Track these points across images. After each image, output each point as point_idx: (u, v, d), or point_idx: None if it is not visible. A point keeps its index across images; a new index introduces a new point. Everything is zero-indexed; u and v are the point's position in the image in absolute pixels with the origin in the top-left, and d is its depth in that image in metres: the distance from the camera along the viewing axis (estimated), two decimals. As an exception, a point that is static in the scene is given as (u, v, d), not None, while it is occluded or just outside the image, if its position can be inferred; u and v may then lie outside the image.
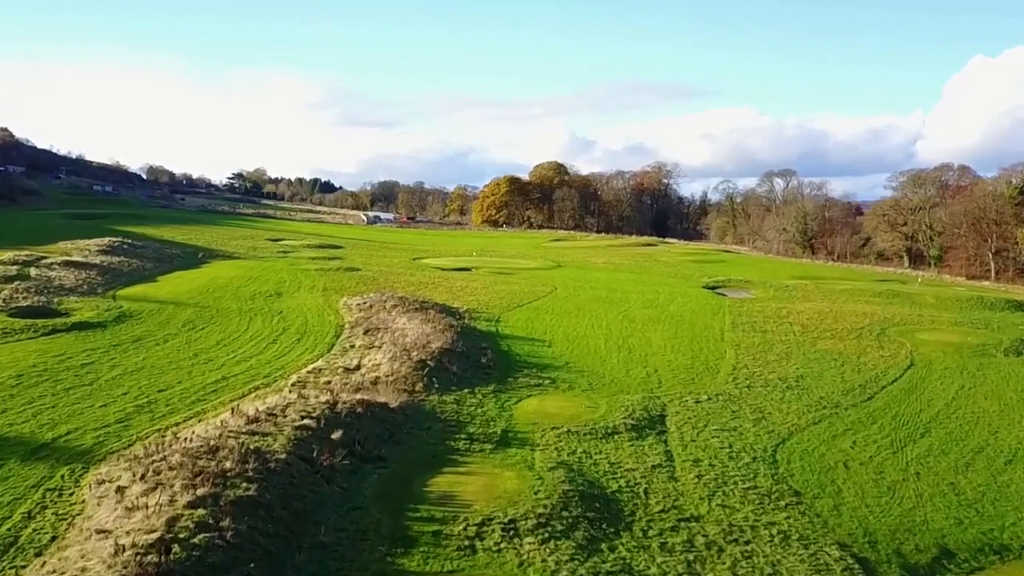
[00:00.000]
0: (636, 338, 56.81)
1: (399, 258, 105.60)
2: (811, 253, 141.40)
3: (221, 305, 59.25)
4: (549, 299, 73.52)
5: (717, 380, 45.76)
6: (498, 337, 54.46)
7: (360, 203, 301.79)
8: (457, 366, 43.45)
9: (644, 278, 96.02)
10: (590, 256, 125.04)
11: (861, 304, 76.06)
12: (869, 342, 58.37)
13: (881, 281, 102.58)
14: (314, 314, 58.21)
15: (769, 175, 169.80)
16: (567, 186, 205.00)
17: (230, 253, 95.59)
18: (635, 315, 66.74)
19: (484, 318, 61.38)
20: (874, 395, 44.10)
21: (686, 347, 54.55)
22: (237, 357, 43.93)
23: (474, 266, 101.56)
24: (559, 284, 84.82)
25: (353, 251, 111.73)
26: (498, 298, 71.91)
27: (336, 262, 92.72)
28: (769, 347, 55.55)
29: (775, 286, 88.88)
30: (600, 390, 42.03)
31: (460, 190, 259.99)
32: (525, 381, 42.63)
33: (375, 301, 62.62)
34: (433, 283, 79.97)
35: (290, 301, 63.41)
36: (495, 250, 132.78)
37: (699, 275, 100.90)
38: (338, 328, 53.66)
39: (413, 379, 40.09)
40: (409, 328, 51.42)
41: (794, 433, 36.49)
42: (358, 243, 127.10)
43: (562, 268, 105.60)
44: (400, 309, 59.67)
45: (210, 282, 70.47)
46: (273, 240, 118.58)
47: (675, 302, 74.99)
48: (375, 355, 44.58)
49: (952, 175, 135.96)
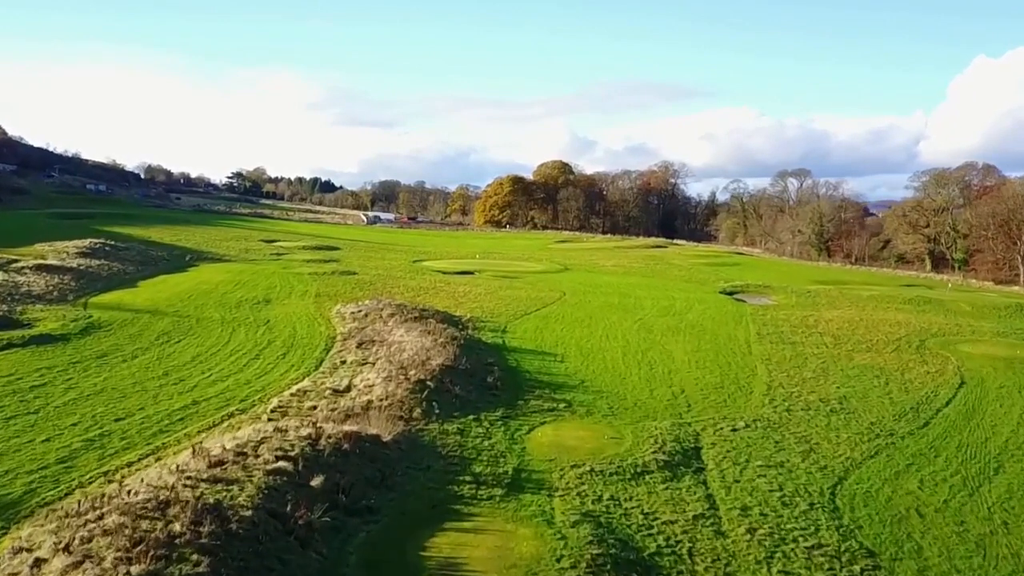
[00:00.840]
0: (656, 351, 51.86)
1: (398, 261, 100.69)
2: (827, 256, 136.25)
3: (203, 314, 54.34)
4: (558, 306, 68.60)
5: (752, 402, 40.81)
6: (505, 350, 49.54)
7: (360, 203, 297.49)
8: (460, 387, 38.51)
9: (657, 282, 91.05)
10: (598, 258, 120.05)
11: (892, 312, 71.06)
12: (910, 356, 53.42)
13: (907, 286, 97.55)
14: (304, 324, 53.31)
15: (782, 175, 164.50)
16: (572, 186, 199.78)
17: (220, 255, 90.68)
18: (652, 324, 61.80)
19: (489, 328, 56.47)
20: (929, 420, 39.15)
21: (712, 362, 49.61)
22: (213, 376, 39.01)
23: (477, 269, 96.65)
24: (568, 289, 79.90)
25: (350, 253, 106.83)
26: (504, 305, 67.01)
27: (332, 265, 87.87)
28: (802, 362, 50.60)
29: (797, 292, 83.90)
30: (623, 415, 37.09)
31: (462, 190, 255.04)
32: (537, 404, 37.69)
33: (371, 309, 57.73)
34: (434, 288, 75.07)
35: (279, 309, 58.51)
36: (499, 252, 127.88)
37: (714, 279, 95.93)
38: (329, 340, 48.77)
39: (410, 403, 35.17)
40: (407, 341, 46.51)
41: (850, 470, 31.54)
42: (356, 244, 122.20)
43: (570, 271, 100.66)
44: (398, 318, 54.78)
45: (194, 287, 65.57)
46: (267, 241, 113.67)
47: (693, 309, 70.04)
48: (368, 374, 39.66)
49: (976, 174, 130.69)
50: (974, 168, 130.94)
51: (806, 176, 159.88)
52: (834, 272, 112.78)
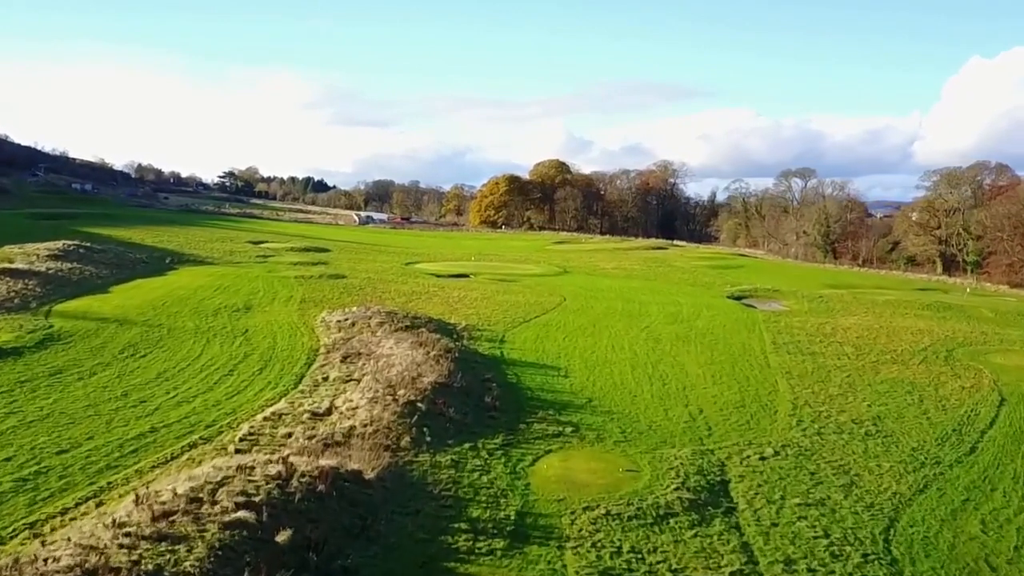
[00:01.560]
0: (667, 364, 47.90)
1: (390, 263, 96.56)
2: (833, 258, 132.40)
3: (175, 323, 50.18)
4: (559, 312, 64.59)
5: (778, 424, 36.86)
6: (504, 364, 45.52)
7: (354, 203, 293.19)
8: (455, 408, 34.49)
9: (661, 286, 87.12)
10: (598, 260, 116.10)
11: (912, 319, 67.26)
12: (939, 368, 49.59)
13: (922, 291, 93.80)
14: (285, 334, 49.20)
15: (786, 174, 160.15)
16: (569, 185, 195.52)
17: (202, 258, 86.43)
18: (660, 333, 57.85)
19: (486, 338, 52.45)
20: (976, 445, 35.28)
21: (728, 376, 45.66)
22: (178, 396, 34.90)
23: (472, 272, 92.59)
24: (568, 294, 75.90)
25: (340, 255, 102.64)
26: (501, 311, 63.00)
27: (320, 268, 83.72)
28: (826, 375, 46.69)
29: (808, 296, 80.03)
30: (637, 441, 33.10)
31: (457, 189, 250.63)
32: (541, 429, 33.67)
33: (359, 317, 53.66)
34: (427, 293, 71.00)
35: (259, 317, 54.39)
36: (495, 253, 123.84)
37: (720, 283, 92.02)
38: (311, 353, 44.68)
39: (398, 430, 31.12)
40: (396, 354, 42.46)
41: (900, 508, 27.61)
42: (347, 246, 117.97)
43: (569, 274, 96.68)
44: (387, 327, 50.74)
45: (170, 293, 61.37)
46: (254, 243, 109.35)
47: (702, 316, 66.11)
48: (352, 394, 35.59)
49: (988, 174, 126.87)
50: (986, 167, 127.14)
51: (810, 176, 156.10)
52: (843, 275, 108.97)
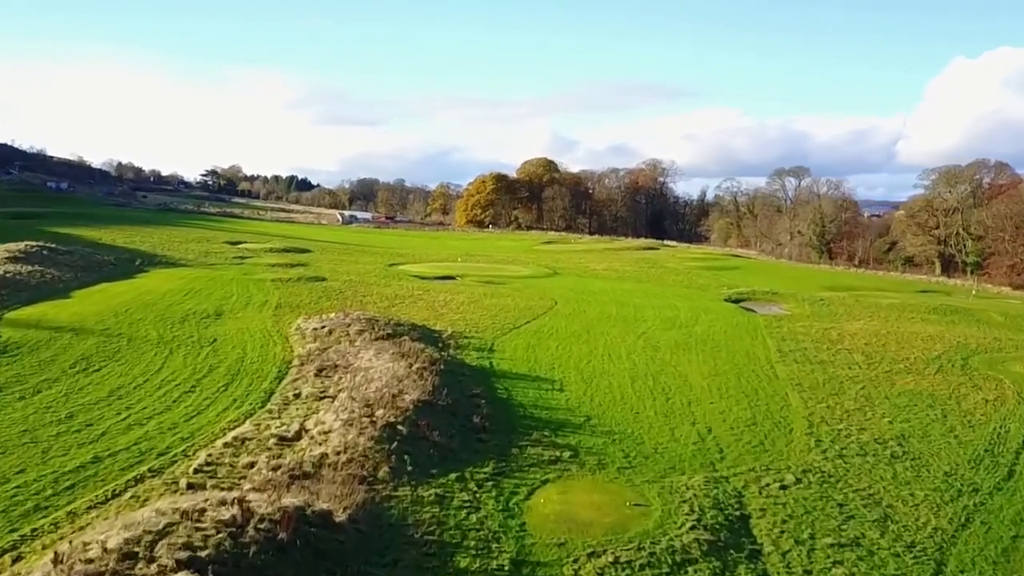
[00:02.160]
0: (669, 375, 44.57)
1: (373, 264, 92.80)
2: (828, 258, 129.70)
3: (137, 332, 46.37)
4: (550, 317, 61.18)
5: (795, 445, 33.59)
6: (493, 376, 42.04)
7: (338, 202, 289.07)
8: (440, 430, 30.98)
9: (654, 289, 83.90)
10: (588, 261, 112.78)
11: (919, 324, 64.32)
12: (957, 378, 46.57)
13: (924, 292, 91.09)
14: (256, 344, 45.51)
15: (780, 172, 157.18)
16: (558, 184, 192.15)
17: (175, 259, 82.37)
18: (658, 340, 54.55)
19: (473, 346, 48.98)
20: (1012, 467, 32.18)
21: (735, 388, 42.39)
22: (130, 418, 31.21)
23: (459, 274, 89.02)
24: (559, 297, 72.52)
25: (321, 256, 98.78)
26: (489, 316, 59.52)
27: (299, 270, 79.90)
28: (839, 387, 43.52)
29: (808, 299, 77.02)
30: (643, 467, 29.73)
31: (443, 188, 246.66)
32: (536, 453, 30.23)
33: (337, 324, 50.07)
34: (411, 296, 67.41)
35: (230, 324, 50.65)
36: (482, 254, 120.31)
37: (715, 285, 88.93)
38: (284, 365, 41.05)
39: (376, 458, 27.60)
40: (376, 367, 38.93)
41: (945, 548, 24.41)
42: (329, 246, 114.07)
43: (559, 276, 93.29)
44: (367, 336, 47.22)
45: (136, 298, 57.46)
46: (232, 243, 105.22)
47: (700, 321, 62.88)
48: (325, 414, 32.02)
49: (987, 172, 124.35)
50: (985, 165, 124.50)
51: (804, 174, 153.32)
52: (842, 277, 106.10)
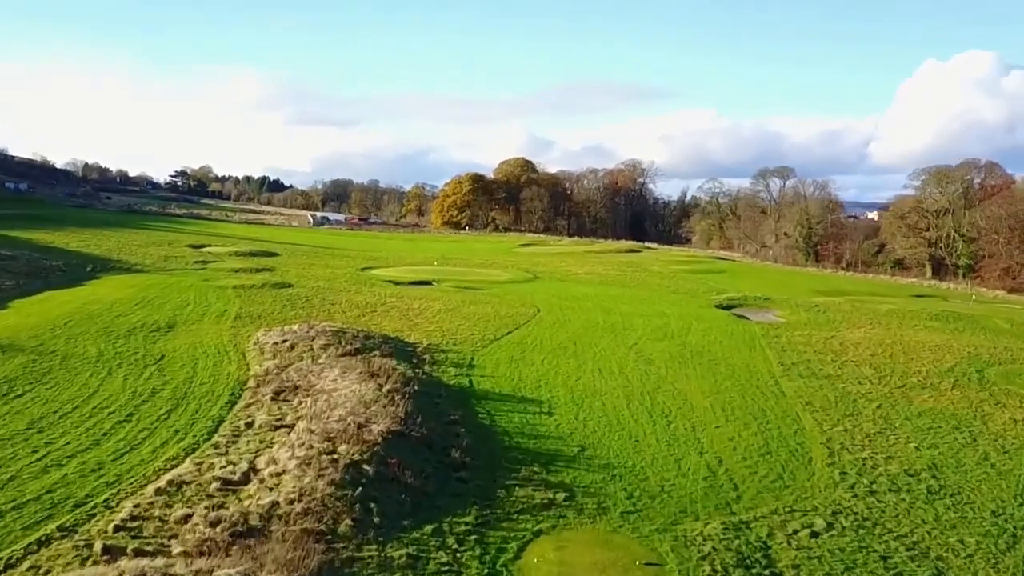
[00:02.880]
0: (667, 393, 40.51)
1: (344, 269, 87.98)
2: (815, 260, 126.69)
3: (75, 348, 41.46)
4: (534, 327, 56.97)
5: (818, 479, 29.61)
6: (474, 397, 37.73)
7: (311, 203, 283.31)
8: (413, 469, 26.63)
9: (640, 294, 79.94)
10: (569, 265, 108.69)
11: (923, 332, 60.91)
12: (976, 394, 43.04)
13: (919, 297, 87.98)
14: (209, 361, 40.80)
15: (764, 173, 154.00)
16: (536, 185, 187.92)
17: (131, 264, 77.04)
18: (650, 352, 50.53)
19: (451, 361, 44.64)
20: (1063, 503, 28.42)
21: (740, 409, 38.43)
22: (48, 457, 26.50)
23: (435, 279, 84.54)
24: (542, 303, 68.32)
25: (290, 260, 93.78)
26: (468, 326, 55.21)
27: (263, 276, 74.97)
28: (853, 406, 39.71)
29: (802, 305, 73.46)
30: (650, 511, 25.57)
31: (418, 189, 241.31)
32: (525, 496, 25.96)
33: (300, 338, 45.48)
34: (383, 305, 62.86)
35: (183, 338, 45.85)
36: (459, 257, 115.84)
37: (703, 290, 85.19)
38: (237, 387, 36.42)
39: (337, 508, 23.17)
40: (341, 389, 34.52)
41: (1016, 615, 20.49)
42: (298, 249, 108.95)
43: (540, 280, 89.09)
44: (333, 351, 42.75)
45: (80, 308, 52.41)
46: (195, 247, 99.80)
47: (692, 330, 58.98)
48: (280, 450, 27.50)
49: (978, 172, 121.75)
50: (975, 165, 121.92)
51: (789, 175, 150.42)
52: (832, 280, 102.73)
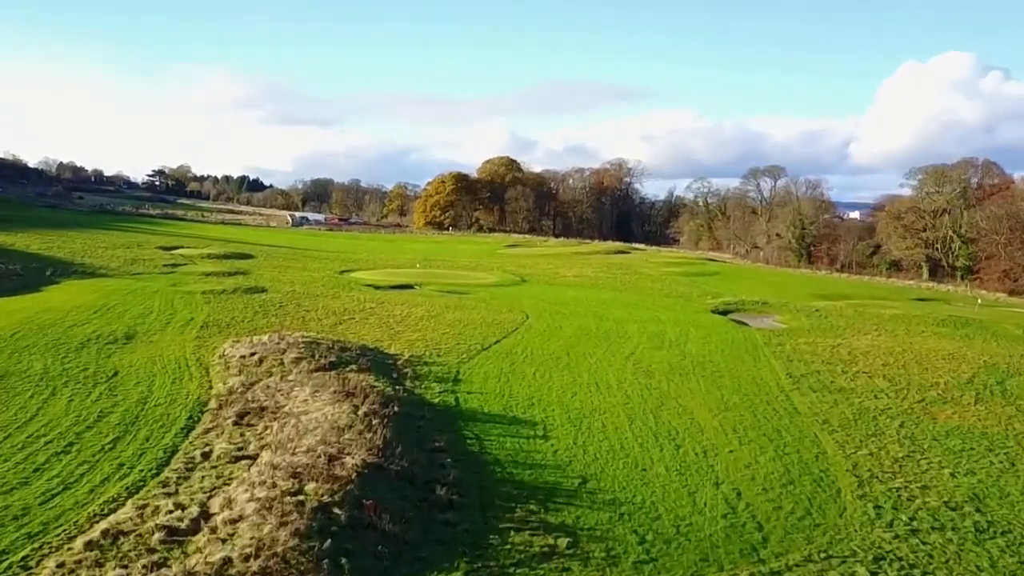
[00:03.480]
0: (671, 411, 37.09)
1: (321, 272, 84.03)
2: (808, 262, 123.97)
3: (18, 364, 37.45)
4: (523, 335, 53.45)
5: (851, 515, 26.23)
6: (460, 419, 34.13)
7: (291, 202, 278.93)
8: (392, 511, 22.99)
9: (633, 298, 76.57)
10: (557, 267, 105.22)
11: (933, 339, 57.93)
12: (1002, 409, 39.97)
13: (921, 300, 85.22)
14: (167, 378, 36.94)
15: (754, 172, 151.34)
16: (520, 184, 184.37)
17: (95, 268, 72.76)
18: (650, 363, 47.13)
19: (435, 375, 41.04)
20: (1125, 541, 25.22)
21: (753, 429, 35.07)
22: (-37, 501, 22.63)
23: (417, 282, 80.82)
24: (530, 309, 64.82)
25: (265, 262, 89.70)
26: (453, 335, 51.65)
27: (236, 280, 71.00)
28: (873, 424, 36.47)
29: (802, 310, 70.37)
30: (666, 560, 22.09)
31: (400, 188, 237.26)
32: (522, 543, 22.42)
33: (270, 350, 41.71)
34: (362, 311, 59.14)
35: (141, 351, 41.92)
36: (442, 259, 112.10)
37: (697, 293, 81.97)
38: (197, 409, 32.62)
39: (301, 565, 19.51)
40: (312, 412, 30.85)
41: None
42: (275, 251, 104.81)
43: (528, 283, 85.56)
44: (306, 365, 39.05)
45: (31, 318, 48.29)
46: (166, 248, 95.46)
47: (691, 337, 55.68)
48: (238, 489, 23.77)
49: (975, 172, 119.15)
50: (973, 164, 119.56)
51: (780, 174, 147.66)
52: (829, 283, 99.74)
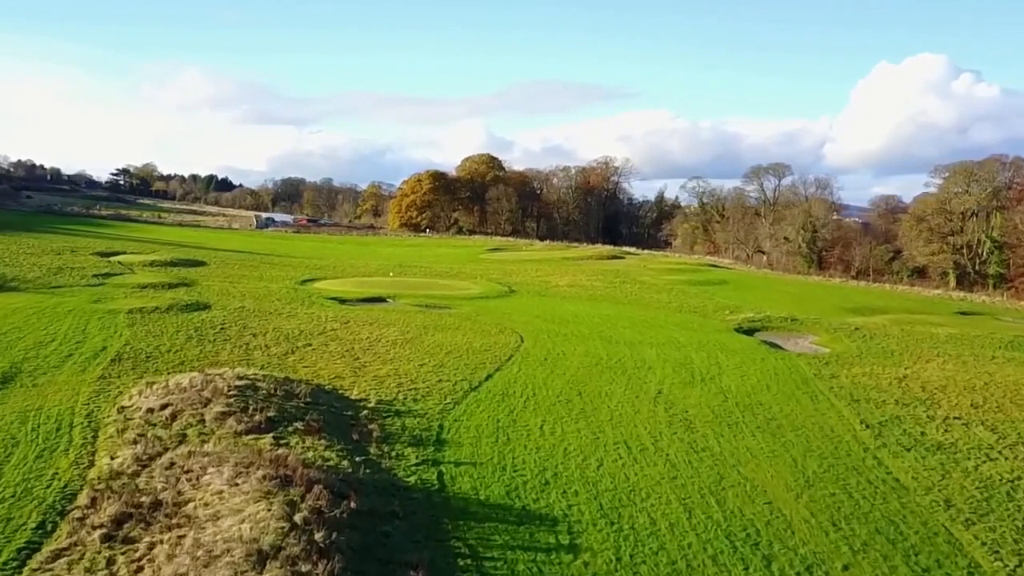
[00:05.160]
0: (737, 489, 26.92)
1: (281, 282, 73.04)
2: (819, 268, 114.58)
3: None
4: (520, 365, 43.12)
5: None
6: (447, 516, 23.70)
7: (261, 203, 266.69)
8: None
9: (641, 313, 66.36)
10: (546, 274, 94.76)
11: (1009, 366, 48.21)
12: None
13: (964, 315, 75.77)
14: (32, 448, 26.17)
15: (757, 171, 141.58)
16: (502, 183, 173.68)
17: (6, 280, 61.13)
18: (683, 405, 36.94)
19: (410, 433, 30.67)
20: None
21: (856, 518, 25.03)
22: None
23: (390, 294, 70.06)
24: (524, 328, 54.51)
25: (217, 271, 78.54)
26: (433, 366, 41.29)
27: (177, 293, 60.00)
28: (1015, 509, 26.56)
29: (839, 328, 60.50)
30: None
31: (374, 188, 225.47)
32: None
33: (189, 399, 31.03)
34: (322, 333, 48.53)
35: (15, 400, 31.14)
36: (419, 264, 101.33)
37: (712, 307, 71.90)
38: (58, 507, 21.98)
39: None
40: (225, 518, 20.58)
41: None
42: (231, 257, 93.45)
43: (517, 295, 75.11)
44: (234, 425, 28.56)
45: None
46: (104, 255, 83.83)
47: (724, 368, 45.59)
48: None
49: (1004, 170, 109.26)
50: (1002, 162, 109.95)
51: (785, 172, 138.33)
52: (854, 294, 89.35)
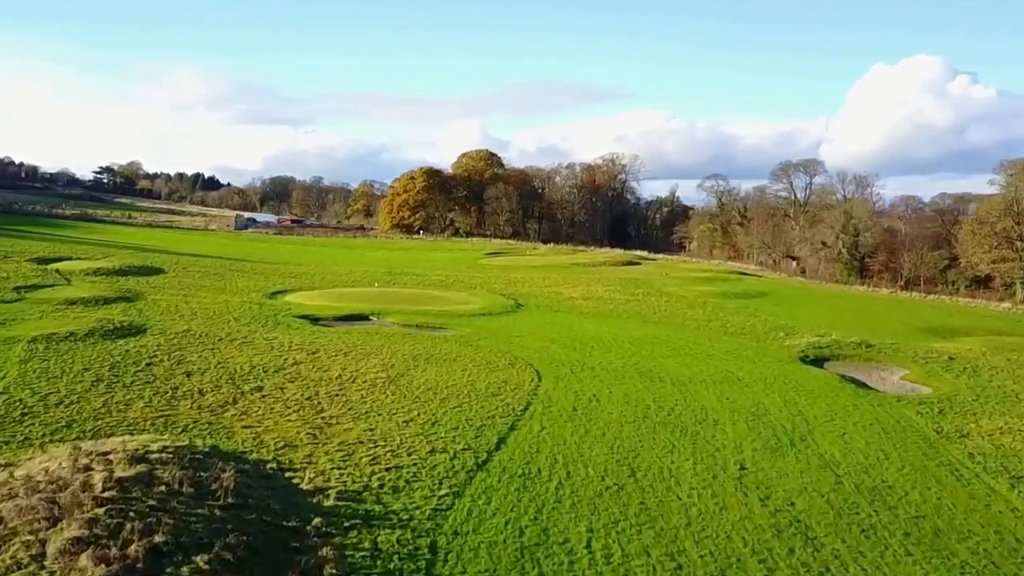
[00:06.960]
0: None
1: (246, 295, 61.41)
2: (860, 276, 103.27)
3: None
4: (541, 421, 31.64)
5: None
6: None
7: (248, 202, 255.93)
8: None
9: (679, 336, 54.82)
10: (557, 283, 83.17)
11: None
12: None
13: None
14: None
15: (786, 168, 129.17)
16: (502, 182, 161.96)
17: None
18: (785, 495, 25.54)
19: (385, 562, 19.05)
20: None
21: None
22: None
23: (375, 311, 58.50)
24: (540, 358, 43.08)
25: (173, 280, 66.92)
26: (423, 423, 29.89)
27: (110, 311, 48.46)
28: None
29: (929, 358, 49.07)
30: None
31: (366, 187, 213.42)
32: None
33: (28, 511, 19.37)
34: (279, 370, 36.99)
35: None
36: (410, 271, 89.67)
37: (761, 327, 60.30)
38: None
39: None
40: None
41: None
42: (196, 263, 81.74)
43: (525, 310, 63.55)
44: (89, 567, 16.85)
45: None
46: (43, 261, 72.23)
47: (810, 422, 34.17)
48: None
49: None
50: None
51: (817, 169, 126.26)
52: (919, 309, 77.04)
